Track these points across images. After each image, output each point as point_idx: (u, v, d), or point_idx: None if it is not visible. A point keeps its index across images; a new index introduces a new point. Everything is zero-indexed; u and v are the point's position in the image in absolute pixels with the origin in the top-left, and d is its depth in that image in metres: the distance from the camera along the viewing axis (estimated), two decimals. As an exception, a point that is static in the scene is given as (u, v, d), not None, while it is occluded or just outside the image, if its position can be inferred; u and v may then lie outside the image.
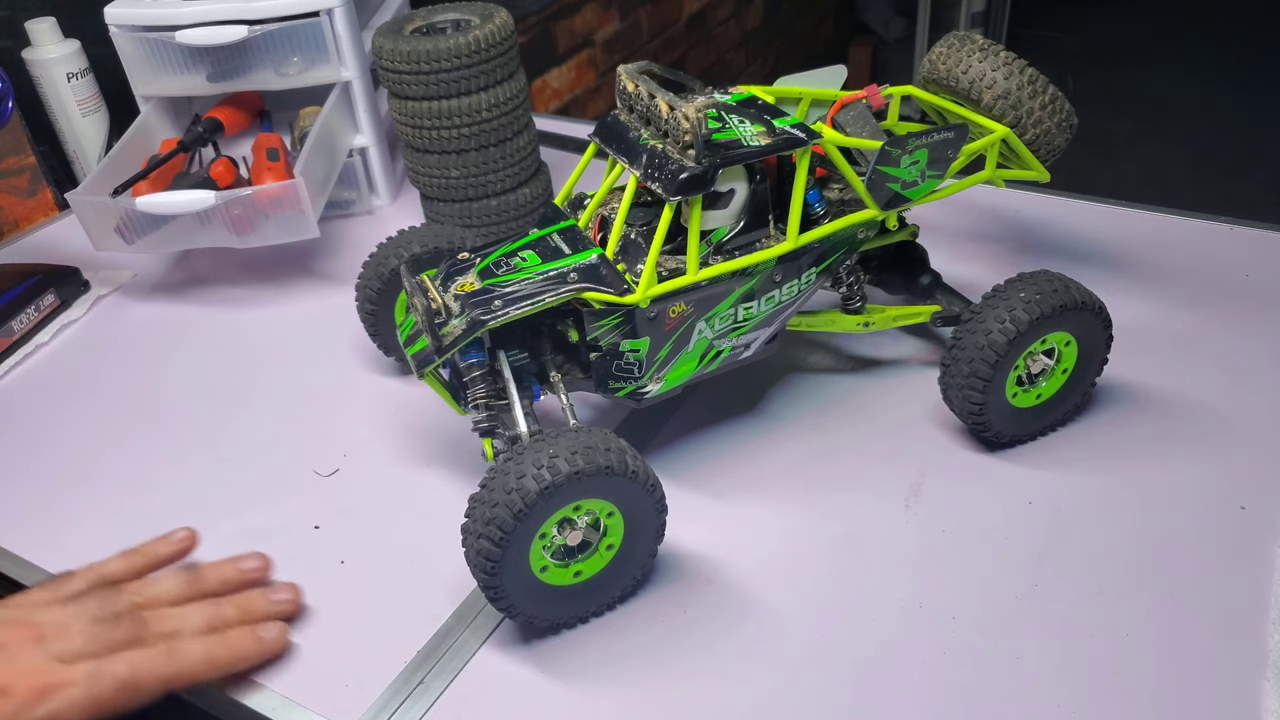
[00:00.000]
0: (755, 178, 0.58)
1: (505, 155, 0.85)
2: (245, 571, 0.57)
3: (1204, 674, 0.49)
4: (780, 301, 0.61)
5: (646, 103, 0.58)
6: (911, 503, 0.60)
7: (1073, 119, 0.69)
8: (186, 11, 0.87)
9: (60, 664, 0.48)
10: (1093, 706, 0.48)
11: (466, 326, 0.54)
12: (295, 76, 0.91)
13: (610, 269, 0.57)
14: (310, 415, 0.70)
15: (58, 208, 1.03)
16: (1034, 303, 0.57)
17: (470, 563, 0.50)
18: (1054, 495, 0.60)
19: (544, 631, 0.54)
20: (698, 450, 0.65)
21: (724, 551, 0.58)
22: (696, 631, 0.53)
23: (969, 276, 0.76)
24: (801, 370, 0.71)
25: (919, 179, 0.62)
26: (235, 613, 0.54)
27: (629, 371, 0.58)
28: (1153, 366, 0.68)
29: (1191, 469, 0.61)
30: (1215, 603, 0.53)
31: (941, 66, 0.70)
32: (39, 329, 0.83)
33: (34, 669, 0.47)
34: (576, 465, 0.48)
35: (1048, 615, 0.53)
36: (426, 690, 0.51)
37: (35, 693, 0.46)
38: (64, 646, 0.48)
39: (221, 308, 0.85)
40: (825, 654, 0.52)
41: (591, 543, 0.52)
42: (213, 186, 0.81)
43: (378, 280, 0.68)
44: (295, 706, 0.51)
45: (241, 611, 0.54)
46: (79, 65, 0.99)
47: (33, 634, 0.48)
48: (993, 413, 0.60)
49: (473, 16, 0.83)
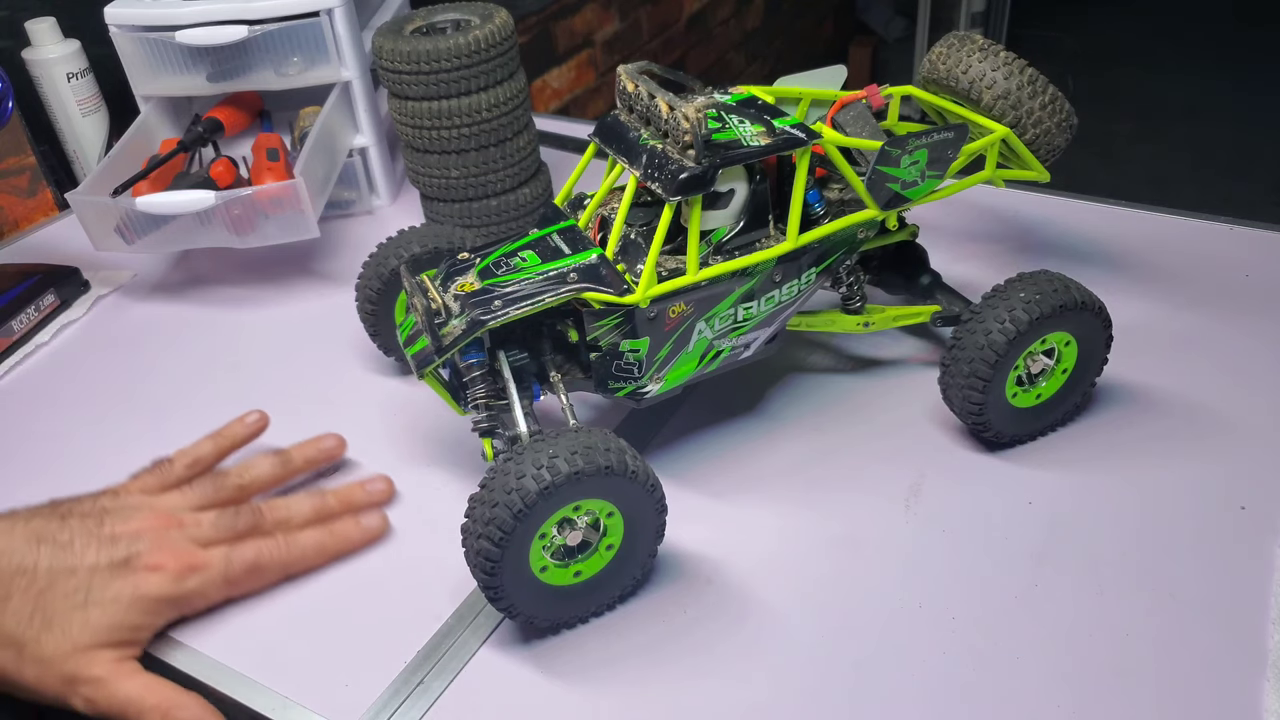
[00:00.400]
0: (755, 178, 0.58)
1: (505, 155, 0.85)
2: (326, 450, 0.63)
3: (1204, 674, 0.49)
4: (780, 301, 0.61)
5: (646, 103, 0.58)
6: (911, 503, 0.60)
7: (1073, 119, 0.69)
8: (186, 11, 0.87)
9: (198, 547, 0.54)
10: (1093, 706, 0.48)
11: (466, 326, 0.54)
12: (295, 76, 0.91)
13: (610, 269, 0.57)
14: (310, 415, 0.70)
15: (58, 208, 1.02)
16: (1034, 303, 0.57)
17: (470, 563, 0.50)
18: (1054, 495, 0.60)
19: (544, 631, 0.54)
20: (698, 450, 0.65)
21: (724, 551, 0.58)
22: (696, 631, 0.53)
23: (969, 276, 0.76)
24: (801, 370, 0.71)
25: (919, 179, 0.62)
26: (338, 504, 0.60)
27: (629, 371, 0.58)
28: (1153, 366, 0.68)
29: (1191, 469, 0.61)
30: (1215, 603, 0.53)
31: (941, 66, 0.70)
32: (39, 329, 0.83)
33: (180, 550, 0.53)
34: (576, 465, 0.48)
35: (1048, 615, 0.53)
36: (426, 690, 0.51)
37: (184, 569, 0.52)
38: (198, 533, 0.55)
39: (221, 308, 0.85)
40: (825, 654, 0.52)
41: (591, 543, 0.52)
42: (213, 186, 0.81)
43: (378, 280, 0.68)
44: (295, 706, 0.51)
45: (343, 503, 0.60)
46: (79, 65, 0.99)
47: (171, 521, 0.54)
48: (993, 413, 0.60)
49: (473, 16, 0.83)
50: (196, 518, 0.55)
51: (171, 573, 0.52)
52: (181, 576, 0.52)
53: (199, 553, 0.54)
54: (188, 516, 0.55)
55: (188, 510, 0.56)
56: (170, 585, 0.52)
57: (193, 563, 0.53)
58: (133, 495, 0.57)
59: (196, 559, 0.53)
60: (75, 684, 0.50)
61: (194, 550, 0.54)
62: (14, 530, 0.52)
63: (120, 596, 0.51)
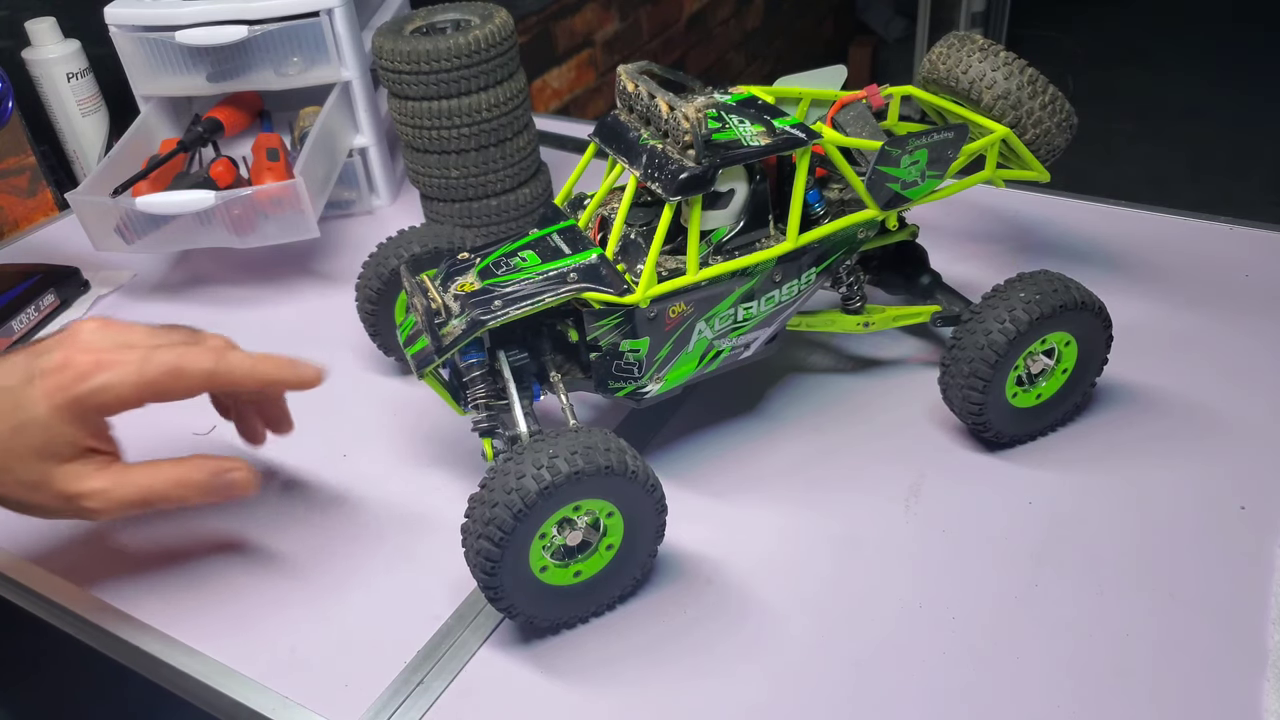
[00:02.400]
0: (755, 178, 0.58)
1: (505, 155, 0.85)
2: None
3: (1204, 674, 0.49)
4: (780, 301, 0.61)
5: (646, 103, 0.58)
6: (911, 503, 0.60)
7: (1073, 119, 0.69)
8: (186, 11, 0.87)
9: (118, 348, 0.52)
10: (1093, 706, 0.48)
11: (466, 326, 0.54)
12: (295, 76, 0.91)
13: (610, 269, 0.57)
14: (310, 415, 0.70)
15: (58, 208, 1.03)
16: (1034, 303, 0.57)
17: (470, 563, 0.50)
18: (1054, 495, 0.60)
19: (544, 631, 0.54)
20: (698, 450, 0.65)
21: (724, 551, 0.58)
22: (696, 631, 0.53)
23: (969, 276, 0.76)
24: (801, 370, 0.71)
25: (919, 179, 0.62)
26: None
27: (629, 371, 0.58)
28: (1153, 366, 0.68)
29: (1191, 469, 0.61)
30: (1215, 603, 0.53)
31: (941, 66, 0.70)
32: (39, 329, 0.83)
33: (93, 347, 0.51)
34: (576, 465, 0.48)
35: (1048, 615, 0.53)
36: (426, 690, 0.51)
37: (91, 365, 0.51)
38: (125, 337, 0.53)
39: (221, 308, 0.85)
40: (825, 654, 0.52)
41: (591, 543, 0.52)
42: (213, 186, 0.81)
43: (378, 280, 0.68)
44: (295, 706, 0.51)
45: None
46: (79, 65, 0.99)
47: (100, 323, 0.53)
48: (993, 413, 0.60)
49: (473, 16, 0.83)
50: (130, 327, 0.54)
51: (77, 369, 0.50)
52: (85, 375, 0.50)
53: (115, 351, 0.52)
54: (120, 326, 0.54)
55: (136, 326, 0.54)
56: (75, 383, 0.50)
57: (102, 360, 0.51)
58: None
59: (108, 356, 0.51)
60: (74, 499, 0.51)
61: (110, 349, 0.52)
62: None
63: (39, 413, 0.50)
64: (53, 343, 0.52)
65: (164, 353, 0.52)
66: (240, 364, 0.55)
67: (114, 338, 0.52)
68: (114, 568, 0.60)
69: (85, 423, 0.51)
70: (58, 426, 0.50)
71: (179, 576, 0.59)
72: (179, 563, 0.59)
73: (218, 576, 0.58)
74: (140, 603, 0.57)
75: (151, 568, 0.59)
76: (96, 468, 0.52)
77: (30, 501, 0.52)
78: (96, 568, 0.60)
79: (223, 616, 0.56)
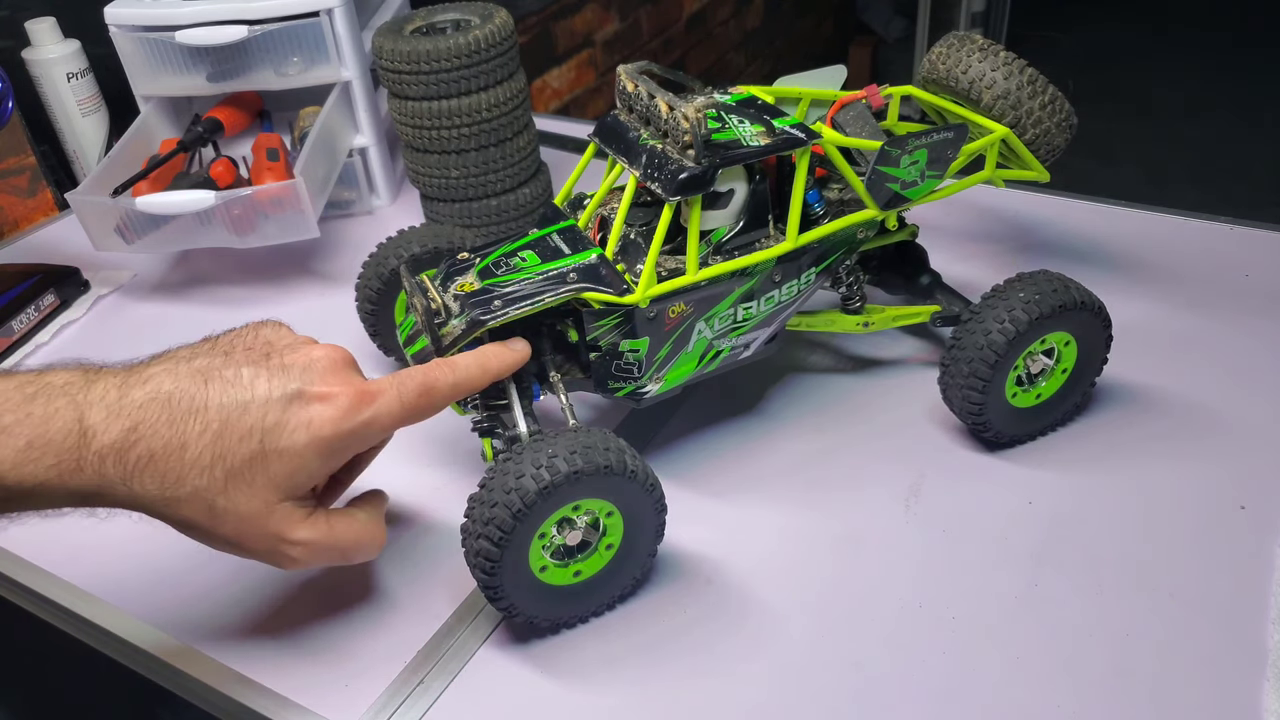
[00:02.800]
0: (755, 178, 0.58)
1: (505, 155, 0.85)
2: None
3: (1204, 674, 0.49)
4: (780, 301, 0.61)
5: (646, 103, 0.58)
6: (911, 503, 0.60)
7: (1072, 119, 0.69)
8: (186, 11, 0.87)
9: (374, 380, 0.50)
10: (1093, 706, 0.48)
11: (466, 326, 0.54)
12: (295, 76, 0.91)
13: (610, 269, 0.57)
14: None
15: (58, 208, 1.03)
16: (1033, 303, 0.57)
17: (470, 563, 0.50)
18: (1054, 495, 0.60)
19: (544, 631, 0.54)
20: (698, 450, 0.65)
21: (724, 551, 0.58)
22: (696, 631, 0.53)
23: (969, 276, 0.76)
24: (801, 370, 0.71)
25: (919, 179, 0.62)
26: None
27: (629, 371, 0.58)
28: (1153, 366, 0.68)
29: (1191, 469, 0.61)
30: (1215, 603, 0.53)
31: (941, 66, 0.70)
32: (39, 329, 0.83)
33: (351, 378, 0.49)
34: (575, 465, 0.48)
35: (1048, 615, 0.53)
36: (426, 690, 0.51)
37: (358, 397, 0.48)
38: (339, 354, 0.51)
39: (221, 308, 0.85)
40: (825, 654, 0.52)
41: (591, 542, 0.52)
42: (213, 186, 0.81)
43: (378, 280, 0.68)
44: (295, 706, 0.51)
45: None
46: (79, 65, 0.99)
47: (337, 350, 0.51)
48: (992, 413, 0.60)
49: (473, 16, 0.83)
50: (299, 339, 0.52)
51: (345, 403, 0.48)
52: (357, 406, 0.48)
53: (371, 382, 0.50)
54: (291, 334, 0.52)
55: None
56: (345, 418, 0.47)
57: (366, 389, 0.49)
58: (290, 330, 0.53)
59: (369, 386, 0.49)
60: (281, 543, 0.48)
61: (365, 382, 0.50)
62: (178, 370, 0.47)
63: (295, 442, 0.46)
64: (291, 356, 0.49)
65: (412, 373, 0.51)
66: (469, 368, 0.53)
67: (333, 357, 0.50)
68: (113, 567, 0.60)
69: (332, 460, 0.48)
70: (309, 459, 0.47)
71: (178, 576, 0.59)
72: (178, 562, 0.59)
73: (217, 576, 0.58)
74: (140, 603, 0.57)
75: (150, 568, 0.59)
76: (307, 514, 0.49)
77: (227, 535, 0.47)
78: (96, 568, 0.60)
79: (223, 616, 0.56)
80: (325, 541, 0.49)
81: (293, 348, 0.50)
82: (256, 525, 0.47)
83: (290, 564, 0.49)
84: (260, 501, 0.46)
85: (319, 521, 0.49)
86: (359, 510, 0.52)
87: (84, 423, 0.44)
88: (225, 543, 0.48)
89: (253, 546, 0.48)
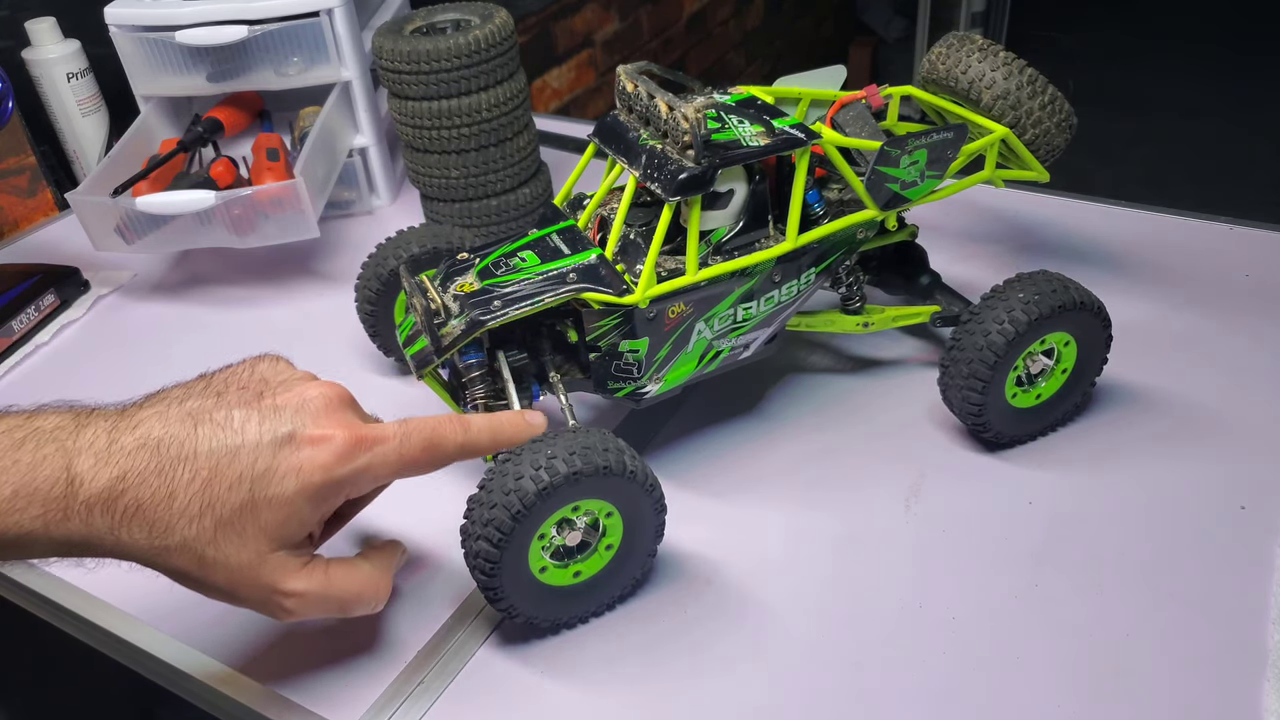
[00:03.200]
0: (755, 178, 0.58)
1: (505, 155, 0.85)
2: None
3: (1204, 674, 0.49)
4: (779, 302, 0.61)
5: (646, 103, 0.58)
6: (911, 503, 0.60)
7: (1072, 119, 0.69)
8: (186, 11, 0.87)
9: (374, 424, 0.48)
10: (1093, 706, 0.48)
11: (466, 327, 0.54)
12: (295, 76, 0.91)
13: (609, 269, 0.57)
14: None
15: (58, 208, 1.03)
16: (1033, 303, 0.57)
17: (469, 563, 0.50)
18: (1054, 495, 0.60)
19: (544, 631, 0.54)
20: (698, 450, 0.65)
21: (724, 551, 0.58)
22: (696, 631, 0.53)
23: (969, 276, 0.76)
24: (801, 370, 0.71)
25: (918, 179, 0.62)
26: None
27: (628, 372, 0.58)
28: (1153, 366, 0.68)
29: (1191, 469, 0.61)
30: (1215, 603, 0.53)
31: (941, 66, 0.70)
32: (39, 329, 0.83)
33: (349, 421, 0.47)
34: (575, 466, 0.48)
35: (1048, 615, 0.53)
36: (426, 690, 0.51)
37: (354, 442, 0.46)
38: (340, 395, 0.48)
39: (221, 308, 0.85)
40: (825, 654, 0.52)
41: (590, 543, 0.52)
42: (213, 186, 0.81)
43: (377, 280, 0.68)
44: (295, 706, 0.51)
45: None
46: (79, 65, 0.99)
47: (337, 389, 0.48)
48: (992, 413, 0.60)
49: (473, 16, 0.83)
50: (308, 376, 0.49)
51: (338, 447, 0.45)
52: (351, 453, 0.45)
53: (375, 428, 0.47)
54: (301, 373, 0.50)
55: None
56: (337, 463, 0.45)
57: (363, 434, 0.46)
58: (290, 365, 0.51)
59: (367, 431, 0.46)
60: (274, 594, 0.45)
61: (369, 426, 0.47)
62: (168, 413, 0.45)
63: (285, 489, 0.44)
64: (284, 395, 0.47)
65: (420, 423, 0.48)
66: (482, 431, 0.50)
67: (329, 395, 0.47)
68: (113, 569, 0.59)
69: (324, 505, 0.46)
70: (300, 507, 0.45)
71: (179, 577, 0.59)
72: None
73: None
74: (140, 603, 0.57)
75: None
76: (303, 563, 0.46)
77: (220, 585, 0.45)
78: (96, 569, 0.60)
79: (222, 616, 0.56)
80: (321, 593, 0.47)
81: (287, 386, 0.48)
82: (248, 576, 0.45)
83: (285, 615, 0.47)
84: (252, 551, 0.44)
85: (316, 572, 0.47)
86: (364, 561, 0.50)
87: (71, 470, 0.42)
88: (218, 592, 0.46)
89: (246, 596, 0.46)
